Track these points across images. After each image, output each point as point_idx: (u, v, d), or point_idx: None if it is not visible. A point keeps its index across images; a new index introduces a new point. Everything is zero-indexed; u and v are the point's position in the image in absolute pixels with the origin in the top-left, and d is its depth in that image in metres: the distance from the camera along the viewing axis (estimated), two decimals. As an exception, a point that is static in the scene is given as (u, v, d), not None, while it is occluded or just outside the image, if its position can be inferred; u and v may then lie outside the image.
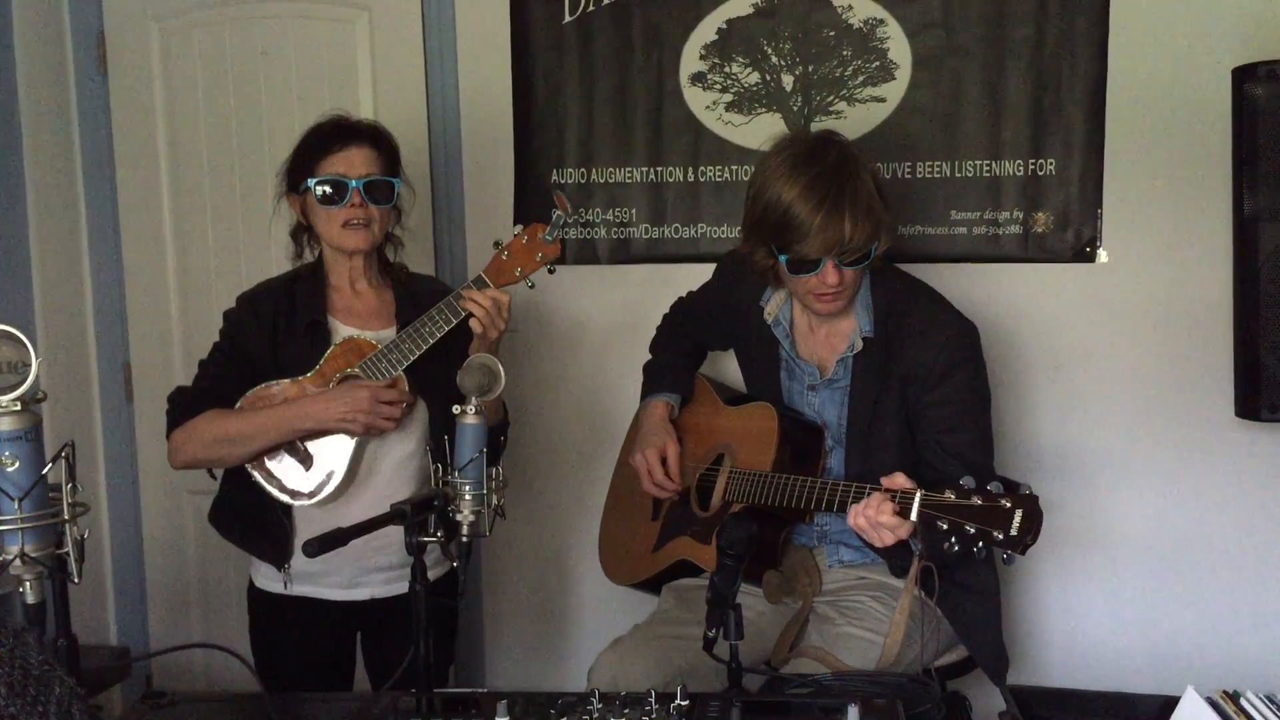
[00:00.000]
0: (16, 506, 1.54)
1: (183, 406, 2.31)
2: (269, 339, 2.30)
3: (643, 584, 2.58)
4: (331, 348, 2.27)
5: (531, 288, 2.36)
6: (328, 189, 2.25)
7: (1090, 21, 2.74)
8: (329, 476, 2.27)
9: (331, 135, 2.28)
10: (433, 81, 3.04)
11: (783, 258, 2.15)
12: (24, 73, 2.99)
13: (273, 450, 2.27)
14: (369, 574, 2.36)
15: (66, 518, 1.59)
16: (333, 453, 2.27)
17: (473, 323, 2.25)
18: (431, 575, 2.42)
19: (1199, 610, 2.85)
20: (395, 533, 1.97)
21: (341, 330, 2.32)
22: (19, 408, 1.55)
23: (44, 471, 1.57)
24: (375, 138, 2.31)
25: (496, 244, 2.32)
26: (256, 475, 2.29)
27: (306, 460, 2.27)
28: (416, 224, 3.02)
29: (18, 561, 1.56)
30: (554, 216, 2.30)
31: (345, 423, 2.22)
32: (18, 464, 1.55)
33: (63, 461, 1.59)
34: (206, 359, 2.36)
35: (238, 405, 2.28)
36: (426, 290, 2.39)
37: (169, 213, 3.18)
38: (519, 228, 2.33)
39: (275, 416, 2.24)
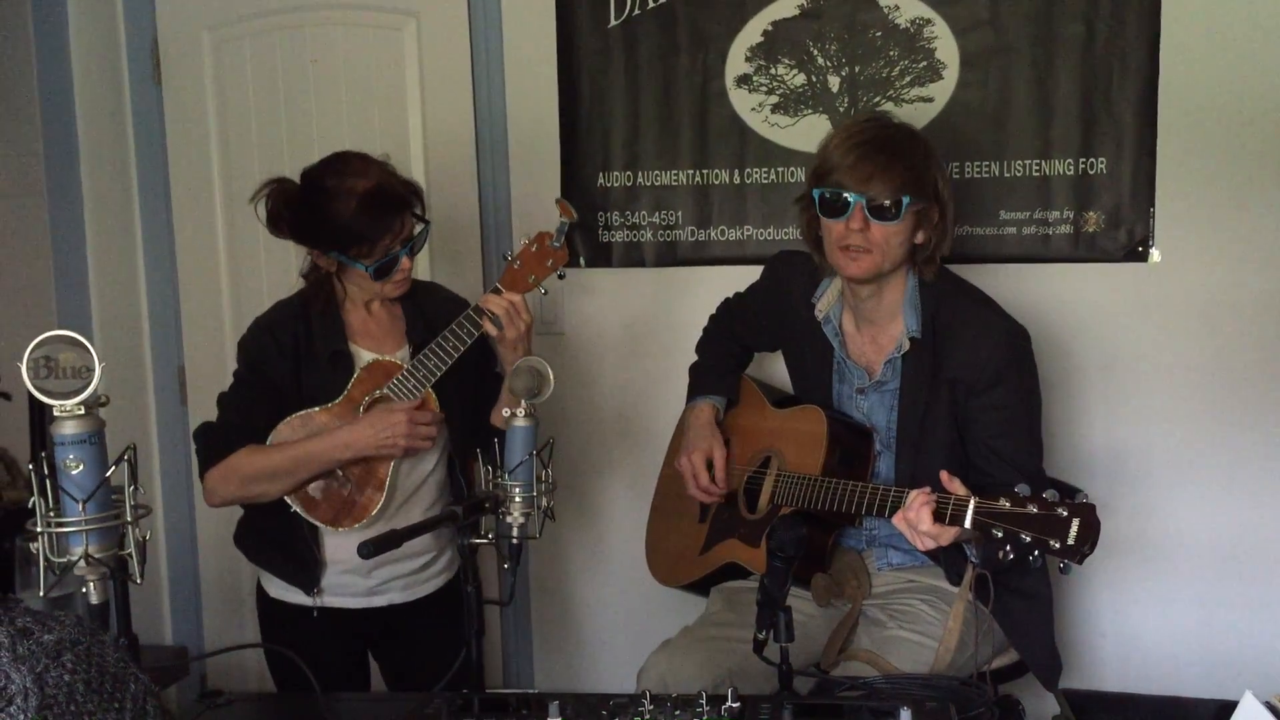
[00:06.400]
0: (81, 508, 1.58)
1: (214, 445, 2.26)
2: (292, 368, 2.28)
3: (690, 586, 2.58)
4: (358, 372, 2.26)
5: (545, 294, 2.43)
6: (383, 267, 2.23)
7: (1142, 18, 2.70)
8: (368, 501, 2.27)
9: (375, 214, 2.19)
10: (479, 86, 3.06)
11: (815, 193, 2.20)
12: (80, 82, 3.05)
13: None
14: (389, 582, 2.37)
15: (129, 519, 1.63)
16: (369, 477, 2.27)
17: (488, 323, 2.25)
18: (445, 579, 2.45)
19: (1255, 614, 2.81)
20: (416, 541, 2.01)
21: (363, 355, 2.30)
22: (83, 411, 1.58)
23: (107, 474, 1.60)
24: (411, 199, 2.26)
25: (505, 256, 2.34)
26: (294, 505, 2.26)
27: (344, 485, 2.27)
28: (464, 228, 3.07)
29: (82, 562, 1.59)
30: (559, 224, 2.32)
31: (385, 447, 2.20)
32: (82, 467, 1.58)
33: (125, 464, 1.62)
34: (228, 393, 2.31)
35: (269, 441, 2.24)
36: (434, 302, 2.39)
37: (221, 219, 3.22)
38: (525, 238, 2.34)
39: (314, 449, 2.20)
